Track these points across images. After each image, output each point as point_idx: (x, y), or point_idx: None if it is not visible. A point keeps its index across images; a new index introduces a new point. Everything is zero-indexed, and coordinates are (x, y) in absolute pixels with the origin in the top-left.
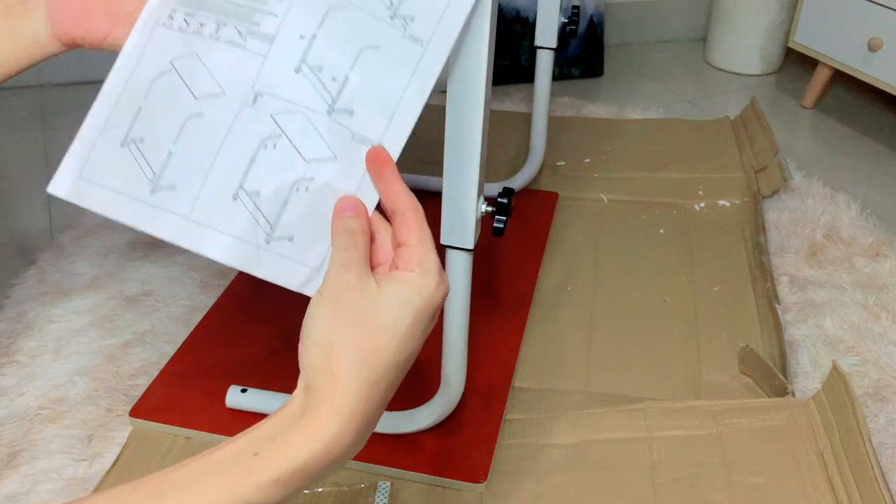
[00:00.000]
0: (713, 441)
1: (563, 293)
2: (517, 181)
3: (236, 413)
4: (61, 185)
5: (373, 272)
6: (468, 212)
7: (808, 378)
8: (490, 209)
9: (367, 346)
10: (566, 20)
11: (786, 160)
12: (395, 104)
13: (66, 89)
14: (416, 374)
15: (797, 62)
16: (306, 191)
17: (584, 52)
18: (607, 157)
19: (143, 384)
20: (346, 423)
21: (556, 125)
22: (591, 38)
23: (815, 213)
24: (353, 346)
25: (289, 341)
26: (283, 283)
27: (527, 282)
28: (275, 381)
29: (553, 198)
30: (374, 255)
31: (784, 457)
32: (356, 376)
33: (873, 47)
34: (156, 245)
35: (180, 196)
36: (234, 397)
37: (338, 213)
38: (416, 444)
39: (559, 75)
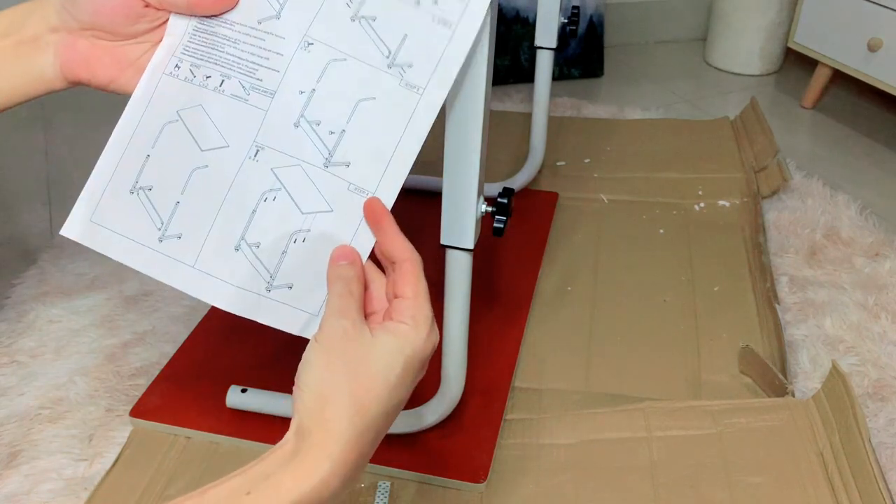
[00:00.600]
0: (713, 441)
1: (563, 293)
2: (517, 181)
3: (236, 413)
4: (73, 228)
5: (367, 320)
6: (468, 212)
7: (808, 378)
8: (490, 209)
9: (360, 393)
10: (566, 20)
11: (786, 160)
12: (390, 154)
13: (67, 89)
14: None
15: (797, 62)
16: (304, 241)
17: (584, 53)
18: (607, 157)
19: (143, 384)
20: (336, 468)
21: (556, 125)
22: (591, 38)
23: (814, 213)
24: (346, 393)
25: (289, 342)
26: (283, 328)
27: (527, 282)
28: (275, 381)
29: (553, 198)
30: (367, 303)
31: (784, 457)
32: (348, 423)
33: (873, 47)
34: None
35: (187, 245)
36: (234, 397)
37: (333, 262)
38: (416, 443)
39: (559, 75)
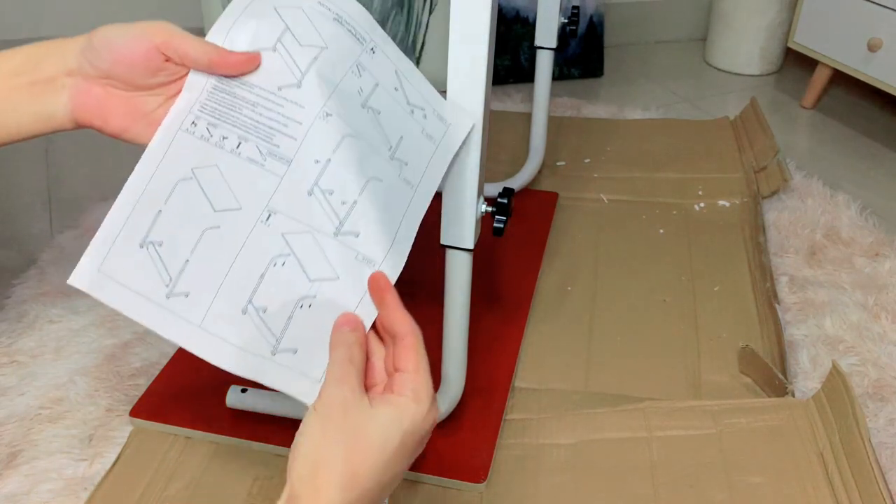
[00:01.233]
0: (713, 441)
1: (563, 293)
2: (517, 181)
3: (236, 413)
4: (82, 278)
5: (367, 393)
6: (468, 212)
7: (808, 378)
8: (490, 209)
9: (354, 462)
10: (566, 20)
11: (786, 160)
12: (394, 232)
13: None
14: None
15: (797, 62)
16: (310, 307)
17: (583, 52)
18: (607, 157)
19: (143, 384)
20: None
21: (556, 125)
22: (591, 38)
23: (814, 213)
24: (341, 461)
25: None
26: (286, 391)
27: (527, 282)
28: None
29: (553, 198)
30: (368, 375)
31: (784, 457)
32: (339, 492)
33: (873, 47)
34: None
35: (193, 305)
36: (234, 397)
37: (337, 328)
38: None
39: (559, 75)
